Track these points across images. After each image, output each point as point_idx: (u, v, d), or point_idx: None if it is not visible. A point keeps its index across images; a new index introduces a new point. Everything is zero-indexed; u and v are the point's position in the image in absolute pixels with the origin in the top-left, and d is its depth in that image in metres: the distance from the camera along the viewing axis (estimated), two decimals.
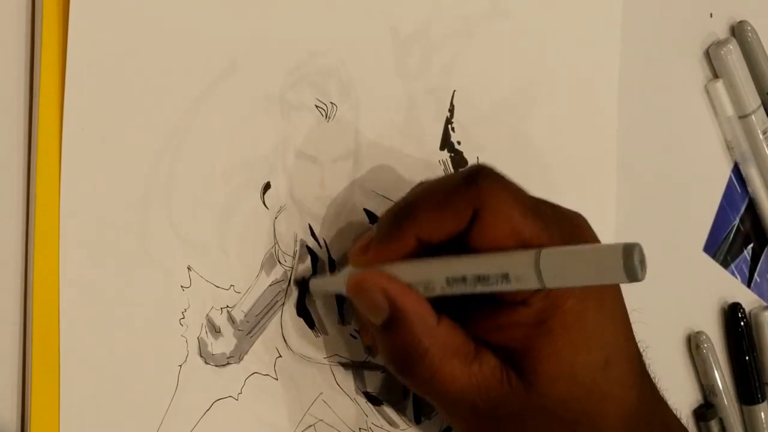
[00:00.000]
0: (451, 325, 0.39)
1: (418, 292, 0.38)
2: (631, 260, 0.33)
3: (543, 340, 0.37)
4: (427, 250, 0.39)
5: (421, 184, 0.41)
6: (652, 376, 0.41)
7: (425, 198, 0.39)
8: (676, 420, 0.42)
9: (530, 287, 0.36)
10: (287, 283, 0.42)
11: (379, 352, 0.41)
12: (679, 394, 0.44)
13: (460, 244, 0.38)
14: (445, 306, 0.39)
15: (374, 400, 0.45)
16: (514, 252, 0.36)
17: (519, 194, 0.38)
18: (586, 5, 0.52)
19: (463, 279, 0.37)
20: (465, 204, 0.37)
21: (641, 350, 0.41)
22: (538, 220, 0.37)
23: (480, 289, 0.37)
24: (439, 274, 0.38)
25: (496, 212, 0.37)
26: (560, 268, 0.35)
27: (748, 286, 0.62)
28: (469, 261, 0.37)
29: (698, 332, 0.59)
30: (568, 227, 0.38)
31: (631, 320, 0.40)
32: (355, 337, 0.44)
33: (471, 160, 0.48)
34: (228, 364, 0.41)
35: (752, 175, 0.60)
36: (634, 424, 0.39)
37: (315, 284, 0.43)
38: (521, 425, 0.39)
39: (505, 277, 0.36)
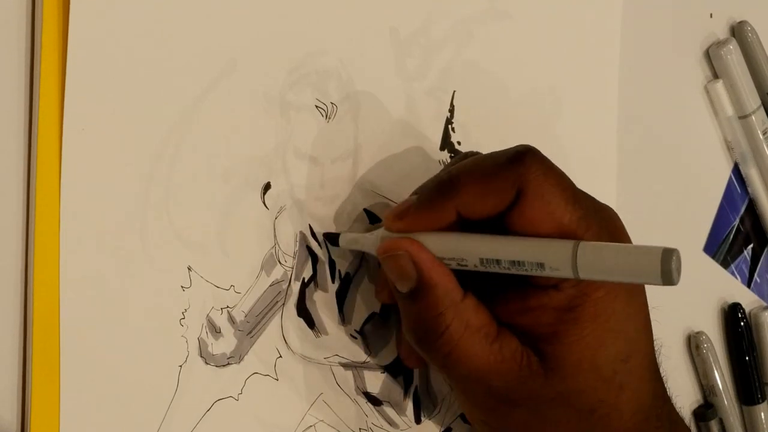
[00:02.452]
0: (475, 303, 0.39)
1: (447, 266, 0.39)
2: (668, 264, 0.33)
3: (570, 326, 0.38)
4: (464, 225, 0.39)
5: (465, 156, 0.41)
6: (662, 374, 0.42)
7: (470, 172, 0.38)
8: (681, 419, 0.42)
9: (564, 277, 0.36)
10: (287, 284, 0.42)
11: (400, 320, 0.41)
12: (680, 394, 0.44)
13: (497, 223, 0.38)
14: (472, 281, 0.39)
15: (374, 400, 0.45)
16: (552, 241, 0.36)
17: (562, 179, 0.38)
18: (586, 5, 0.52)
19: (498, 261, 0.37)
20: (509, 182, 0.37)
21: (656, 348, 0.41)
22: (578, 207, 0.37)
23: (513, 271, 0.37)
24: (473, 252, 0.38)
25: (538, 194, 0.37)
26: (597, 262, 0.35)
27: (748, 286, 0.62)
28: (505, 243, 0.37)
29: (698, 332, 0.59)
30: (604, 218, 0.39)
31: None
32: (355, 338, 0.44)
33: None
34: (228, 364, 0.41)
35: (752, 175, 0.60)
36: (645, 419, 0.39)
37: (345, 239, 0.43)
38: (536, 411, 0.39)
39: (541, 265, 0.36)
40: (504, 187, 0.37)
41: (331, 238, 0.43)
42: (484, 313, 0.39)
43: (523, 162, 0.37)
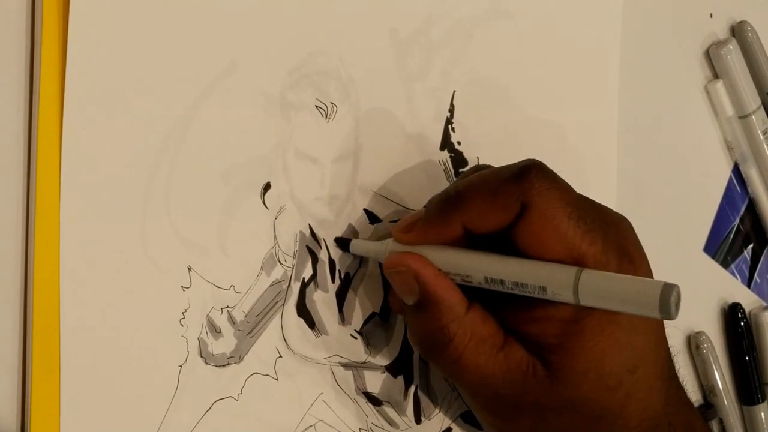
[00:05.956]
0: (480, 314, 0.39)
1: (452, 280, 0.39)
2: (667, 299, 0.34)
3: (575, 337, 0.38)
4: (471, 239, 0.39)
5: (477, 168, 0.42)
6: (680, 378, 0.42)
7: (476, 187, 0.39)
8: (701, 422, 0.42)
9: (565, 301, 0.37)
10: (287, 284, 0.42)
11: (408, 330, 0.42)
12: None
13: (504, 237, 0.38)
14: (481, 291, 0.40)
15: (374, 400, 0.45)
16: (556, 266, 0.37)
17: (567, 194, 0.38)
18: (586, 6, 0.52)
19: (502, 281, 0.38)
20: (513, 198, 0.38)
21: (672, 354, 0.41)
22: (582, 222, 0.37)
23: (517, 292, 0.38)
24: (478, 271, 0.38)
25: (542, 210, 0.37)
26: (598, 291, 0.36)
27: (748, 286, 0.62)
28: (510, 264, 0.38)
29: (698, 332, 0.59)
30: (612, 231, 0.39)
31: None
32: (355, 338, 0.44)
33: (471, 161, 0.48)
34: (228, 364, 0.41)
35: (752, 175, 0.60)
36: (656, 426, 0.40)
37: (356, 245, 0.43)
38: (542, 417, 0.39)
39: (543, 289, 0.37)
40: (508, 202, 0.38)
41: (342, 243, 0.43)
42: (489, 323, 0.39)
43: (527, 177, 0.38)
